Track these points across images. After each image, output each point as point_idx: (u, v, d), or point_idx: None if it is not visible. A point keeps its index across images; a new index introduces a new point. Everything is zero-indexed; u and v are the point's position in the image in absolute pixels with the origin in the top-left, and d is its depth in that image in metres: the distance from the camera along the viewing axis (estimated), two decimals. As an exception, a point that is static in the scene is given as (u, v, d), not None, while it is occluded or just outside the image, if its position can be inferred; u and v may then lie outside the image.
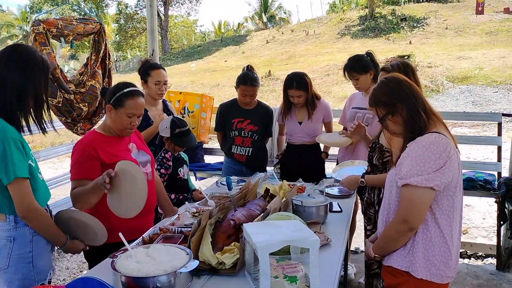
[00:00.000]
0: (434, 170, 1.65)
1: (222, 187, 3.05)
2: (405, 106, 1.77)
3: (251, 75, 3.40)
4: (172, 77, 19.16)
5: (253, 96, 3.42)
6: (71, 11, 30.46)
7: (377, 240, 1.90)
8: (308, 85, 3.35)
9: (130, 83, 2.34)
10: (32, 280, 1.86)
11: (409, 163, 1.69)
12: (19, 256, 1.84)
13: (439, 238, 1.72)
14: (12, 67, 1.80)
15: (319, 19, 29.07)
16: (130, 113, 2.23)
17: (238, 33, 37.15)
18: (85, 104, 3.87)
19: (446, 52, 17.91)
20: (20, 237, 1.84)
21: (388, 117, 1.81)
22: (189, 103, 4.59)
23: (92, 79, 3.94)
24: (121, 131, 2.29)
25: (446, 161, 1.66)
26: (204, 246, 1.77)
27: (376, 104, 1.85)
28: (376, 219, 2.55)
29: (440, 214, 1.72)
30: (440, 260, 1.72)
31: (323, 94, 14.40)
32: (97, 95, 3.93)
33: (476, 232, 4.66)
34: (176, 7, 35.97)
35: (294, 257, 1.74)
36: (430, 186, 1.65)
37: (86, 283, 1.37)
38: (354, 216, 3.49)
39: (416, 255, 1.73)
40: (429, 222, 1.72)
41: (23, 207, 1.78)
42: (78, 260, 4.16)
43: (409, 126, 1.77)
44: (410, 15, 24.50)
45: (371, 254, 1.90)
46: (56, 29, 3.69)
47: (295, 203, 2.35)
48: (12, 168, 1.72)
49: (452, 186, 1.72)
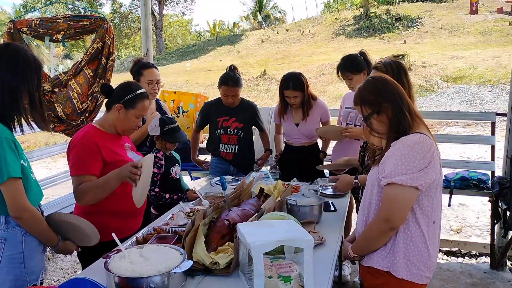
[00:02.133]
0: (419, 169, 1.65)
1: (217, 187, 3.05)
2: (391, 106, 1.77)
3: (233, 75, 3.39)
4: (167, 77, 19.12)
5: (235, 96, 3.42)
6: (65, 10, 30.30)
7: (356, 240, 1.89)
8: (305, 86, 3.34)
9: (139, 84, 2.44)
10: (24, 280, 1.85)
11: (394, 162, 1.69)
12: (10, 257, 1.82)
13: (419, 238, 1.73)
14: (3, 66, 1.78)
15: (314, 19, 29.11)
16: (139, 115, 2.30)
17: (233, 32, 37.11)
18: (59, 104, 3.73)
19: (440, 52, 17.99)
20: (12, 237, 1.83)
21: (373, 116, 1.81)
22: (184, 102, 4.58)
23: (73, 79, 3.80)
24: (125, 131, 2.34)
25: (430, 161, 1.67)
26: (198, 246, 1.77)
27: (361, 103, 1.85)
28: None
29: (420, 214, 1.73)
30: (420, 260, 1.73)
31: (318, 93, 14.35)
32: (69, 95, 3.75)
33: (470, 231, 4.68)
34: (171, 6, 35.90)
35: (288, 256, 1.73)
36: (414, 185, 1.65)
37: (78, 284, 1.37)
38: (349, 216, 3.50)
39: (397, 254, 1.73)
40: (410, 222, 1.73)
41: (16, 207, 1.76)
42: (72, 261, 4.14)
43: (394, 125, 1.77)
44: (404, 15, 24.60)
45: (350, 254, 1.89)
46: (27, 28, 3.66)
47: (290, 202, 2.35)
48: (6, 168, 1.71)
49: (433, 186, 1.73)
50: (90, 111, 3.91)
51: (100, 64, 3.88)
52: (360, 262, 1.88)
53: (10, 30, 3.60)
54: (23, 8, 35.26)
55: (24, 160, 1.84)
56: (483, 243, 4.08)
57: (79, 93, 3.79)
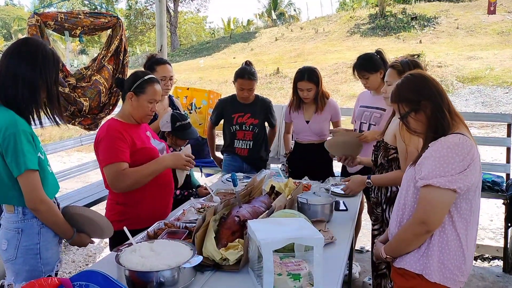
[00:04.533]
0: (458, 172, 1.60)
1: (228, 184, 3.05)
2: (430, 104, 1.71)
3: (249, 69, 3.42)
4: (181, 73, 19.19)
5: (250, 90, 3.42)
6: (81, 6, 30.60)
7: (390, 241, 1.85)
8: (319, 79, 3.34)
9: (147, 71, 2.50)
10: (40, 271, 1.88)
11: (432, 163, 1.64)
12: (26, 248, 1.86)
13: (455, 242, 1.69)
14: (22, 60, 1.81)
15: (329, 17, 28.91)
16: (151, 99, 2.33)
17: (247, 30, 37.09)
18: (86, 99, 3.79)
19: (456, 52, 17.74)
20: (28, 228, 1.86)
21: (411, 115, 1.76)
22: (196, 99, 4.59)
23: (97, 74, 3.89)
24: (142, 118, 2.38)
25: (470, 163, 1.62)
26: (208, 242, 1.77)
27: (399, 100, 1.79)
28: (384, 219, 2.53)
29: (457, 218, 1.69)
30: (454, 264, 1.69)
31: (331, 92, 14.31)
32: (99, 90, 3.85)
33: (483, 233, 4.62)
34: (186, 4, 36.02)
35: (298, 254, 1.73)
36: (453, 188, 1.61)
37: (90, 276, 1.38)
38: (359, 216, 3.48)
39: (430, 258, 1.69)
40: (447, 226, 1.68)
41: (33, 199, 1.79)
42: (84, 254, 4.19)
43: (432, 125, 1.72)
44: (420, 14, 24.28)
45: (382, 255, 1.85)
46: (54, 21, 3.67)
47: (301, 201, 2.35)
48: (23, 160, 1.74)
49: (472, 189, 1.68)
50: (112, 104, 4.05)
51: (118, 60, 4.03)
52: (392, 264, 1.85)
53: (38, 23, 3.58)
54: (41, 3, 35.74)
55: (41, 153, 1.87)
56: (496, 246, 4.02)
57: (105, 87, 3.92)
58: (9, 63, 1.81)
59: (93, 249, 4.30)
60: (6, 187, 1.81)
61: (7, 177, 1.79)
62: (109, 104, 4.02)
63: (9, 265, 1.89)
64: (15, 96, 1.80)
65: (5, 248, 1.88)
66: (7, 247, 1.87)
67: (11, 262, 1.88)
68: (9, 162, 1.76)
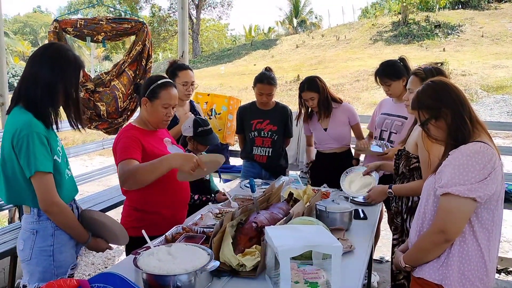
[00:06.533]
0: (478, 180, 1.57)
1: (246, 189, 3.05)
2: (450, 112, 1.69)
3: (268, 74, 3.43)
4: (202, 80, 19.36)
5: (269, 95, 3.43)
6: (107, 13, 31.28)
7: (409, 250, 1.83)
8: (319, 87, 3.33)
9: (162, 75, 2.44)
10: (52, 273, 1.89)
11: (451, 171, 1.61)
12: (40, 249, 1.88)
13: (476, 253, 1.65)
14: (44, 64, 1.85)
15: (351, 24, 28.79)
16: (166, 104, 2.29)
17: (268, 37, 37.22)
18: (103, 104, 3.85)
19: (481, 61, 17.41)
20: (42, 230, 1.88)
21: (431, 122, 1.74)
22: (217, 105, 4.62)
23: (116, 79, 3.93)
24: (158, 124, 2.36)
25: (491, 172, 1.59)
26: (225, 247, 1.77)
27: (419, 107, 1.77)
28: (404, 228, 2.49)
29: (479, 228, 1.65)
30: (476, 276, 1.65)
31: (352, 100, 14.26)
32: (115, 95, 3.89)
33: (508, 246, 4.49)
34: (208, 11, 36.37)
35: (316, 262, 1.71)
36: (472, 197, 1.57)
37: (108, 278, 1.39)
38: (378, 225, 3.42)
39: (450, 268, 1.66)
40: (467, 235, 1.65)
41: (44, 201, 1.81)
42: (103, 257, 4.24)
43: (452, 133, 1.69)
44: (444, 22, 23.95)
45: (402, 264, 1.82)
46: (72, 28, 3.75)
47: (319, 208, 2.32)
48: (34, 162, 1.76)
49: (494, 199, 1.64)
50: (131, 109, 4.10)
51: (140, 65, 4.08)
52: (411, 273, 1.81)
53: (56, 30, 3.68)
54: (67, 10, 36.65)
55: (58, 156, 1.89)
56: (522, 260, 3.90)
57: (123, 93, 3.97)
58: (32, 67, 1.86)
59: (112, 252, 4.35)
60: (21, 188, 1.84)
61: (22, 178, 1.82)
62: (128, 110, 4.06)
63: (25, 265, 1.92)
64: (34, 99, 1.83)
65: (21, 248, 1.91)
66: (23, 247, 1.90)
67: (27, 263, 1.90)
68: (22, 163, 1.78)
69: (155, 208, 2.31)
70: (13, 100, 1.88)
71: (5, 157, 1.83)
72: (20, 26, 47.62)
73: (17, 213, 3.99)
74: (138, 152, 2.20)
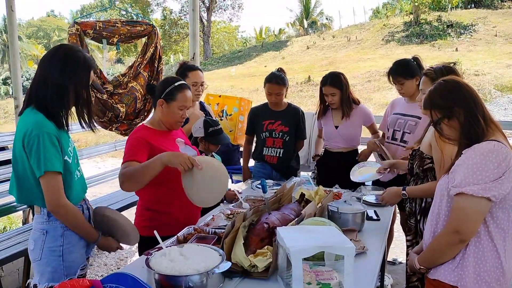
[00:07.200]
0: (492, 179, 1.55)
1: (257, 190, 3.04)
2: (463, 111, 1.67)
3: (278, 74, 3.44)
4: (213, 82, 19.42)
5: (278, 95, 3.42)
6: (119, 16, 31.59)
7: (423, 251, 1.80)
8: (343, 84, 3.34)
9: (177, 77, 2.46)
10: (61, 273, 1.90)
11: (465, 171, 1.59)
12: (50, 249, 1.89)
13: (492, 253, 1.62)
14: (53, 66, 1.86)
15: (362, 25, 28.65)
16: (182, 106, 2.32)
17: (279, 39, 37.20)
18: (123, 105, 3.90)
19: (494, 60, 17.19)
20: (52, 230, 1.90)
21: (444, 121, 1.71)
22: (228, 106, 4.62)
23: (134, 80, 3.99)
24: (172, 125, 2.38)
25: (506, 171, 1.56)
26: (237, 248, 1.77)
27: (431, 107, 1.76)
28: (417, 230, 2.46)
29: (494, 228, 1.62)
30: (492, 277, 1.62)
31: (363, 100, 14.14)
32: (135, 97, 3.96)
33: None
34: (218, 13, 36.50)
35: (328, 263, 1.70)
36: (487, 196, 1.55)
37: (120, 278, 1.39)
38: (392, 226, 3.39)
39: (466, 269, 1.63)
40: (482, 236, 1.62)
41: (51, 203, 1.83)
42: (116, 257, 4.27)
43: (465, 132, 1.67)
44: (457, 22, 23.69)
45: (416, 265, 1.79)
46: (93, 30, 3.78)
47: (331, 209, 2.31)
48: (44, 162, 1.77)
49: (509, 198, 1.61)
50: (147, 110, 4.17)
51: (153, 67, 4.16)
52: (426, 275, 1.79)
53: (78, 32, 3.70)
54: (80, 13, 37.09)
55: (68, 157, 1.90)
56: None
57: (141, 94, 4.03)
58: (42, 68, 1.87)
59: (124, 253, 4.38)
60: (32, 188, 1.85)
61: (33, 178, 1.83)
62: (144, 110, 4.14)
63: (35, 265, 1.93)
64: (45, 99, 1.84)
65: (32, 248, 1.93)
66: (34, 247, 1.92)
67: (37, 263, 1.92)
68: (32, 163, 1.80)
69: (167, 208, 2.32)
70: (25, 102, 1.91)
71: (16, 157, 1.85)
72: (34, 30, 48.31)
73: (31, 214, 4.04)
74: (143, 154, 2.20)
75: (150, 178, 2.11)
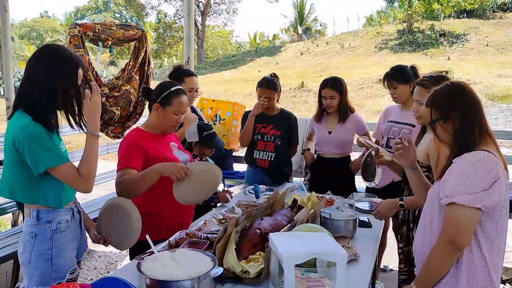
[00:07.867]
0: (482, 189, 1.55)
1: (250, 195, 3.04)
2: (460, 117, 1.67)
3: (269, 79, 3.46)
4: (206, 86, 19.43)
5: (269, 99, 3.43)
6: (113, 18, 31.50)
7: (420, 272, 1.74)
8: (343, 88, 3.37)
9: (174, 82, 2.47)
10: (50, 277, 1.88)
11: (455, 180, 1.59)
12: (39, 253, 1.87)
13: (481, 262, 1.62)
14: (40, 66, 1.83)
15: (355, 32, 28.87)
16: (177, 111, 2.33)
17: (273, 44, 37.34)
18: (118, 108, 3.90)
19: (486, 69, 17.39)
20: (41, 234, 1.87)
21: (439, 122, 1.72)
22: (221, 110, 4.63)
23: (127, 84, 3.99)
24: (167, 129, 2.39)
25: (495, 181, 1.57)
26: (229, 253, 1.76)
27: (431, 105, 1.76)
28: (409, 237, 2.45)
29: (482, 237, 1.62)
30: (481, 286, 1.62)
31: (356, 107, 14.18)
32: (130, 100, 3.97)
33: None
34: (213, 17, 36.59)
35: (320, 270, 1.70)
36: (477, 206, 1.55)
37: (111, 283, 1.39)
38: (384, 233, 3.40)
39: (459, 278, 1.63)
40: (472, 244, 1.62)
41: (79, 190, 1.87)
42: (105, 261, 4.23)
43: (458, 138, 1.67)
44: (449, 31, 23.98)
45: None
46: (92, 32, 3.77)
47: (323, 215, 2.31)
48: (43, 160, 1.76)
49: (497, 208, 1.62)
50: (138, 113, 4.18)
51: (143, 71, 4.18)
52: None
53: (79, 33, 3.67)
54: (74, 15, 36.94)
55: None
56: (527, 271, 3.86)
57: (135, 97, 4.04)
58: (29, 69, 1.84)
59: (114, 256, 4.34)
60: (34, 188, 1.83)
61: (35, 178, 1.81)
62: (136, 113, 4.13)
63: (24, 269, 1.91)
64: (33, 101, 1.81)
65: (21, 251, 1.90)
66: (23, 251, 1.89)
67: (26, 266, 1.89)
68: (30, 163, 1.77)
69: (157, 211, 2.31)
70: (14, 105, 1.87)
71: (13, 160, 1.82)
72: (27, 31, 48.00)
73: (20, 216, 4.00)
74: (138, 159, 2.22)
75: (146, 188, 2.15)
